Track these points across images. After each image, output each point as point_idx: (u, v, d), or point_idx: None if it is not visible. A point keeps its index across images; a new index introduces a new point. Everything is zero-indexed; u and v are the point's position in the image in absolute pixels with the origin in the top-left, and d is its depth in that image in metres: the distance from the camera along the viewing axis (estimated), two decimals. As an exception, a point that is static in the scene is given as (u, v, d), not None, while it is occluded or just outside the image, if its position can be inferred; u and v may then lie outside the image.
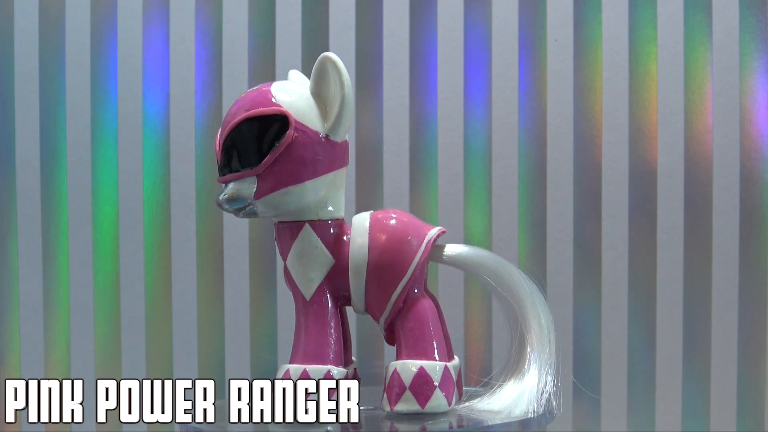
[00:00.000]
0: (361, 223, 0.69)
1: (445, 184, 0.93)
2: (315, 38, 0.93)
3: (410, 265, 0.67)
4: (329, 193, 0.68)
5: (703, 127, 0.92)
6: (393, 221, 0.69)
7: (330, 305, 0.68)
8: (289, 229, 0.68)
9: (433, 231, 0.69)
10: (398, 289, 0.67)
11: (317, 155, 0.66)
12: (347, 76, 0.66)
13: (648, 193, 0.92)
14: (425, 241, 0.68)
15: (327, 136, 0.66)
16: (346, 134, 0.68)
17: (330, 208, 0.68)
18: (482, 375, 0.93)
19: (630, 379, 0.93)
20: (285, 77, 0.92)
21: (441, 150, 0.93)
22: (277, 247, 0.70)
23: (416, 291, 0.68)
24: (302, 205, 0.67)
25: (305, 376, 0.66)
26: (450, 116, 0.93)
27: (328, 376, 0.66)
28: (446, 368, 0.67)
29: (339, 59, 0.66)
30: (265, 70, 0.93)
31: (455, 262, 0.70)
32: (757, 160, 0.92)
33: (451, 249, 0.70)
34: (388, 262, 0.67)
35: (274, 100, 0.66)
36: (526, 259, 0.93)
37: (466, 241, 0.92)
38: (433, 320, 0.68)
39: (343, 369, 0.67)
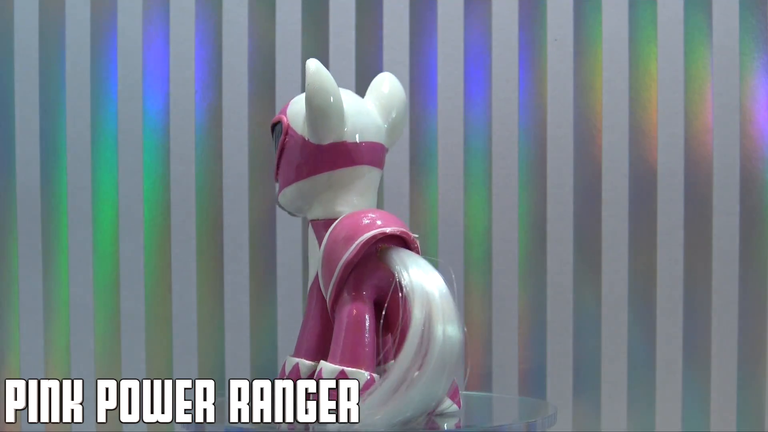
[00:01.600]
0: (335, 222, 0.67)
1: (445, 184, 0.93)
2: (315, 38, 0.93)
3: (337, 265, 0.64)
4: (327, 193, 0.68)
5: (703, 127, 0.92)
6: (346, 220, 0.66)
7: (316, 301, 0.68)
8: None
9: (370, 233, 0.64)
10: (329, 289, 0.65)
11: (301, 158, 0.67)
12: (313, 78, 0.65)
13: (648, 193, 0.92)
14: (356, 242, 0.64)
15: (308, 139, 0.67)
16: (335, 136, 0.66)
17: (327, 209, 0.68)
18: (481, 376, 0.93)
19: (630, 379, 0.93)
20: (285, 78, 0.92)
21: (441, 150, 0.93)
22: None
23: (352, 293, 0.64)
24: (298, 205, 0.69)
25: (282, 368, 0.69)
26: (450, 116, 0.93)
27: (295, 369, 0.67)
28: (342, 373, 0.63)
29: (314, 63, 0.65)
30: (265, 70, 0.93)
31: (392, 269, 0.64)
32: (757, 160, 0.92)
33: (394, 254, 0.64)
34: (325, 262, 0.65)
35: (287, 108, 0.70)
36: (526, 259, 0.93)
37: (466, 241, 0.93)
38: (356, 325, 0.64)
39: (312, 363, 0.67)
